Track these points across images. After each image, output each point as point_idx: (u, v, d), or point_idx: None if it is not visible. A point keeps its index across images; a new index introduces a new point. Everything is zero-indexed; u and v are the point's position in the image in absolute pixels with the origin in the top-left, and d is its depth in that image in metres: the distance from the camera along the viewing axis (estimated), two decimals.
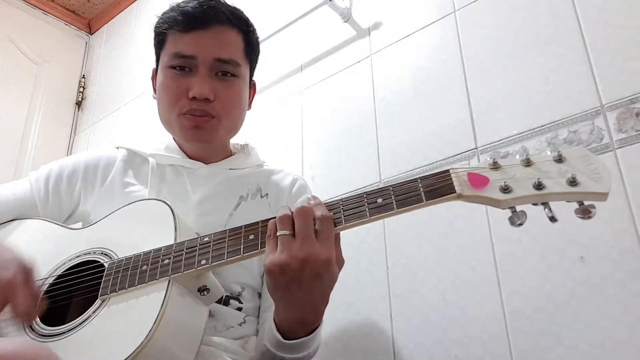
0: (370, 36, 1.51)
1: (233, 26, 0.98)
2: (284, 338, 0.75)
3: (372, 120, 1.41)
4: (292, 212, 0.69)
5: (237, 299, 0.90)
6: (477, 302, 1.07)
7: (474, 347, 1.05)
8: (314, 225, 0.67)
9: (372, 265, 1.24)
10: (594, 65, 1.08)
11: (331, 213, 0.70)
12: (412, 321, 1.14)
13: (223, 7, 0.98)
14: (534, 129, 1.11)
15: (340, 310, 1.24)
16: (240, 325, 0.89)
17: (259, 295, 0.96)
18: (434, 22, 1.38)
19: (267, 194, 1.01)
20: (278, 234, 0.67)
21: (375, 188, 0.71)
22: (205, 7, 0.96)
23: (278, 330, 0.75)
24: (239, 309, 0.90)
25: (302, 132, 1.56)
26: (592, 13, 1.11)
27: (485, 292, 1.07)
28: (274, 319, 0.76)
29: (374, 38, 1.50)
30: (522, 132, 1.13)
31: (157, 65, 1.02)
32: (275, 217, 0.70)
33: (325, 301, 0.72)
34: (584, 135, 1.05)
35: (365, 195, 0.70)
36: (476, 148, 1.19)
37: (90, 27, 2.74)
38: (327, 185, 1.43)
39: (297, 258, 0.65)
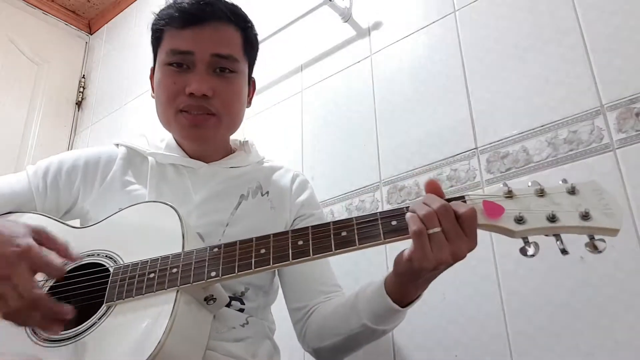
0: (370, 36, 1.51)
1: (230, 22, 0.97)
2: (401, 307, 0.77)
3: (372, 120, 1.41)
4: (432, 208, 0.67)
5: (240, 299, 0.90)
6: (477, 302, 1.07)
7: (474, 347, 1.05)
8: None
9: (372, 266, 1.24)
10: (594, 65, 1.08)
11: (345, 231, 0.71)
12: (412, 321, 1.14)
13: (220, 4, 0.97)
14: (534, 129, 1.11)
15: None
16: (242, 326, 0.88)
17: (264, 293, 0.96)
18: (434, 22, 1.38)
19: (267, 192, 1.01)
20: (430, 231, 0.66)
21: (390, 209, 0.71)
22: (202, 3, 0.95)
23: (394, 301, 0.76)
24: (241, 310, 0.90)
25: (302, 132, 1.56)
26: (592, 13, 1.11)
27: (485, 292, 1.07)
28: (388, 293, 0.76)
29: (374, 38, 1.50)
30: (522, 132, 1.13)
31: (154, 64, 1.01)
32: (403, 212, 0.69)
33: None
34: (584, 135, 1.05)
35: (379, 215, 0.70)
36: (476, 148, 1.19)
37: (90, 27, 2.74)
38: (327, 185, 1.43)
39: (458, 256, 0.67)
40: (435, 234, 0.65)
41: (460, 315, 1.09)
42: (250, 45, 1.01)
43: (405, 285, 0.74)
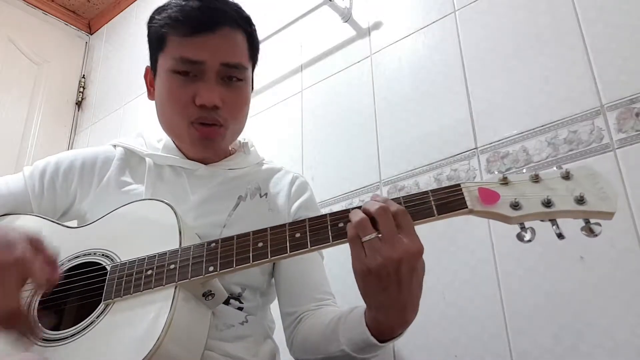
0: (370, 36, 1.51)
1: (238, 27, 0.94)
2: (379, 341, 0.72)
3: (372, 120, 1.41)
4: (364, 213, 0.66)
5: (237, 299, 0.90)
6: (477, 302, 1.07)
7: (474, 347, 1.05)
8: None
9: None
10: (594, 65, 1.08)
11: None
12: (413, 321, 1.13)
13: (227, 6, 0.94)
14: (534, 129, 1.11)
15: None
16: (242, 324, 0.88)
17: (261, 294, 0.96)
18: (434, 22, 1.38)
19: (266, 194, 1.00)
20: (365, 239, 0.64)
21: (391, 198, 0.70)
22: (209, 7, 0.91)
23: (372, 334, 0.72)
24: (240, 309, 0.90)
25: (302, 132, 1.56)
26: (592, 13, 1.11)
27: (485, 292, 1.07)
28: (367, 324, 0.72)
29: (374, 38, 1.50)
30: (522, 132, 1.13)
31: (152, 65, 0.99)
32: (342, 220, 0.69)
33: (421, 292, 0.69)
34: (584, 135, 1.05)
35: None
36: (476, 148, 1.19)
37: (90, 27, 2.74)
38: (327, 185, 1.43)
39: (393, 259, 0.63)
40: (370, 240, 0.64)
41: (460, 316, 1.09)
42: (254, 49, 0.99)
43: (380, 321, 0.71)
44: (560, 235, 0.64)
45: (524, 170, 0.68)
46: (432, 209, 0.67)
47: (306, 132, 1.56)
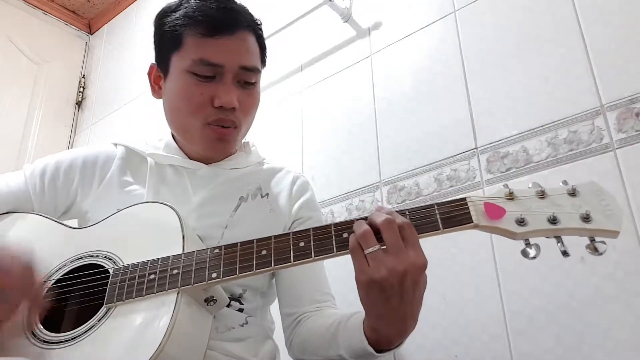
0: (370, 36, 1.51)
1: (251, 31, 0.94)
2: (377, 350, 0.72)
3: (372, 120, 1.41)
4: (369, 225, 0.66)
5: (238, 300, 0.90)
6: (477, 303, 1.07)
7: (474, 347, 1.05)
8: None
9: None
10: (594, 65, 1.08)
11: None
12: None
13: (241, 9, 0.94)
14: (534, 129, 1.11)
15: None
16: (242, 326, 0.88)
17: (261, 294, 0.96)
18: (434, 22, 1.38)
19: (267, 194, 1.00)
20: (367, 251, 0.64)
21: (398, 210, 0.70)
22: (227, 8, 0.92)
23: (370, 343, 0.72)
24: (240, 310, 0.90)
25: (302, 132, 1.56)
26: (592, 13, 1.11)
27: (485, 292, 1.07)
28: (365, 333, 0.72)
29: (374, 38, 1.50)
30: (522, 132, 1.13)
31: (162, 63, 0.97)
32: (341, 230, 0.69)
33: (421, 305, 0.70)
34: (584, 135, 1.05)
35: None
36: (476, 148, 1.19)
37: (90, 27, 2.74)
38: (327, 185, 1.43)
39: (398, 271, 0.63)
40: (373, 252, 0.64)
41: (460, 316, 1.09)
42: (264, 52, 1.00)
43: (379, 330, 0.71)
44: (565, 253, 0.63)
45: (529, 185, 0.67)
46: (438, 222, 0.67)
47: (306, 132, 1.56)
